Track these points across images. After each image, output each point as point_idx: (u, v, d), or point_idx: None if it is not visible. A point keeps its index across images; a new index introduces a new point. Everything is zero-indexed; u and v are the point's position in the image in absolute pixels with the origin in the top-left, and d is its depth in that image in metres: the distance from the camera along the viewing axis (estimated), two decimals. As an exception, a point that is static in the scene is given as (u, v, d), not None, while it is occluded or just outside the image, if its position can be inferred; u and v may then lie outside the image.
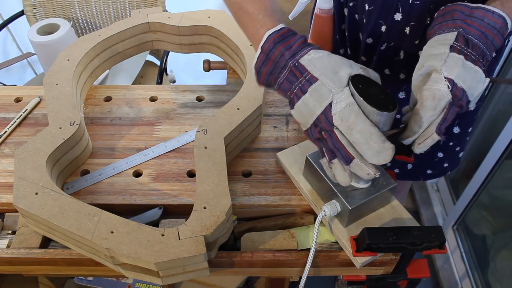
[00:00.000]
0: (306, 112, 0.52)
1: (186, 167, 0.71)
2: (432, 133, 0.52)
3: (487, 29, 0.53)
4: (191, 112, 0.81)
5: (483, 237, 1.49)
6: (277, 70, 0.54)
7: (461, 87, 0.50)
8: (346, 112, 0.49)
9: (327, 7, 0.77)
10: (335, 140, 0.51)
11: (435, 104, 0.50)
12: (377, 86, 0.52)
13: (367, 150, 0.49)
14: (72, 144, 0.67)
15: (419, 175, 1.01)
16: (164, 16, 0.84)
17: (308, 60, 0.52)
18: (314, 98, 0.51)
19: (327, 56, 0.52)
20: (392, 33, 0.76)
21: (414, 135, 0.52)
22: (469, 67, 0.51)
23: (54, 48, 1.18)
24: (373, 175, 0.51)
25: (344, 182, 0.54)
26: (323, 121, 0.51)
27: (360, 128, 0.49)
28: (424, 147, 0.53)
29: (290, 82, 0.53)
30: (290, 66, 0.52)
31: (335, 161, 0.53)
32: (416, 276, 0.65)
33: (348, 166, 0.52)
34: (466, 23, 0.54)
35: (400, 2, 0.72)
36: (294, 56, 0.52)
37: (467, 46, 0.52)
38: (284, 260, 0.61)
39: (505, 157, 1.28)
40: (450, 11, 0.56)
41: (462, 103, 0.51)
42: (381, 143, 0.49)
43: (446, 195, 1.71)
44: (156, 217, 0.64)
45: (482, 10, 0.54)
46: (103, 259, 0.58)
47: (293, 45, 0.53)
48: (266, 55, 0.54)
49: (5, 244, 0.63)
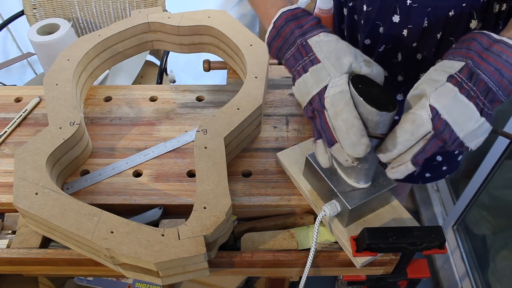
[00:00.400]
0: (304, 91, 0.54)
1: (186, 167, 0.71)
2: (407, 160, 0.50)
3: (505, 66, 0.48)
4: (191, 112, 0.81)
5: (483, 237, 1.49)
6: (286, 46, 0.56)
7: (444, 119, 0.47)
8: (337, 97, 0.50)
9: (327, 7, 0.78)
10: (323, 122, 0.52)
11: (413, 129, 0.48)
12: (377, 86, 0.52)
13: (345, 140, 0.50)
14: (72, 144, 0.67)
15: (417, 178, 1.02)
16: (164, 16, 0.84)
17: (316, 42, 0.54)
18: (313, 78, 0.53)
19: (335, 41, 0.54)
20: (390, 35, 0.76)
21: (386, 152, 0.51)
22: (460, 101, 0.47)
23: (54, 48, 1.18)
24: (350, 162, 0.52)
25: (324, 163, 0.56)
26: (316, 102, 0.52)
27: (344, 117, 0.50)
28: (397, 174, 0.51)
29: (295, 59, 0.55)
30: (298, 44, 0.55)
31: (319, 141, 0.55)
32: (416, 276, 0.65)
33: (329, 149, 0.53)
34: (481, 56, 0.49)
35: (398, 4, 0.72)
36: (303, 35, 0.54)
37: (469, 80, 0.48)
38: (284, 260, 0.61)
39: (505, 157, 1.28)
40: (469, 39, 0.51)
41: (445, 137, 0.48)
42: (360, 136, 0.49)
43: (446, 195, 1.71)
44: (156, 217, 0.64)
45: (502, 45, 0.48)
46: (103, 259, 0.58)
47: (305, 24, 0.55)
48: (277, 31, 0.57)
49: (5, 244, 0.63)
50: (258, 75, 0.74)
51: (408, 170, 0.50)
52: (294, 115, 0.81)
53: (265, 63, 0.75)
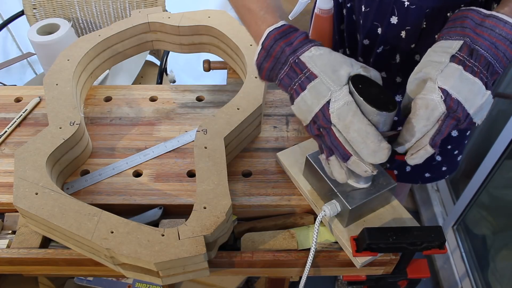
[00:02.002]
0: (305, 109, 0.52)
1: (186, 167, 0.71)
2: (425, 144, 0.50)
3: (498, 39, 0.51)
4: (191, 112, 0.81)
5: (483, 237, 1.49)
6: (278, 66, 0.54)
7: (455, 98, 0.48)
8: (343, 110, 0.49)
9: (327, 7, 0.77)
10: (333, 138, 0.51)
11: (428, 114, 0.49)
12: (377, 86, 0.52)
13: (363, 149, 0.49)
14: (72, 144, 0.67)
15: (417, 178, 1.02)
16: (164, 16, 0.84)
17: (308, 57, 0.52)
18: (313, 96, 0.51)
19: (328, 53, 0.52)
20: (388, 36, 0.76)
21: (406, 144, 0.51)
22: (466, 78, 0.49)
23: (54, 48, 1.18)
24: (370, 172, 0.51)
25: (341, 179, 0.55)
26: (321, 119, 0.51)
27: (357, 127, 0.49)
28: (417, 159, 0.51)
29: (290, 78, 0.53)
30: (291, 62, 0.53)
31: (332, 158, 0.54)
32: (416, 276, 0.65)
33: (345, 163, 0.52)
34: (476, 32, 0.51)
35: (396, 5, 0.72)
36: (295, 52, 0.53)
37: (471, 57, 0.50)
38: (284, 260, 0.61)
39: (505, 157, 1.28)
40: (461, 17, 0.54)
41: (458, 115, 0.49)
42: (378, 142, 0.49)
43: (446, 195, 1.71)
44: (156, 217, 0.64)
45: (494, 20, 0.51)
46: (103, 259, 0.58)
47: (294, 41, 0.53)
48: (267, 52, 0.54)
49: (5, 244, 0.63)
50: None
51: (428, 153, 0.51)
52: (294, 115, 0.80)
53: (265, 63, 0.75)
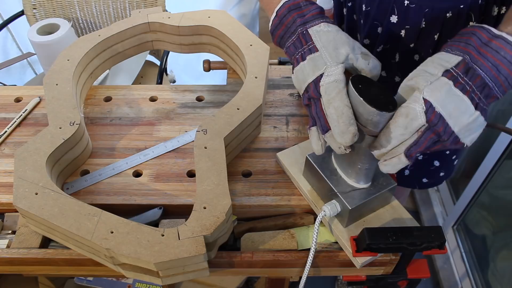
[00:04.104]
0: (301, 78, 0.55)
1: (186, 167, 0.71)
2: (400, 153, 0.49)
3: (502, 63, 0.48)
4: (191, 112, 0.81)
5: (483, 237, 1.49)
6: (287, 34, 0.58)
7: (438, 112, 0.47)
8: (331, 86, 0.52)
9: (327, 7, 0.78)
10: (319, 109, 0.53)
11: (406, 123, 0.48)
12: (377, 86, 0.52)
13: (335, 127, 0.51)
14: (72, 144, 0.67)
15: (415, 183, 1.02)
16: (164, 16, 0.84)
17: (316, 31, 0.55)
18: (310, 67, 0.54)
19: (335, 31, 0.55)
20: (388, 35, 0.76)
21: (381, 148, 0.50)
22: (454, 95, 0.48)
23: (54, 48, 1.18)
24: (343, 150, 0.53)
25: (316, 150, 0.57)
26: (312, 89, 0.54)
27: (336, 105, 0.51)
28: (389, 166, 0.50)
29: (295, 47, 0.57)
30: (299, 32, 0.56)
31: (313, 128, 0.56)
32: (416, 276, 0.65)
33: (323, 136, 0.54)
34: (479, 51, 0.49)
35: (396, 4, 0.72)
36: (304, 24, 0.56)
37: (465, 75, 0.48)
38: (284, 260, 0.61)
39: (505, 157, 1.28)
40: (469, 33, 0.51)
41: (439, 130, 0.47)
42: (348, 125, 0.50)
43: (446, 195, 1.71)
44: (156, 217, 0.64)
45: (501, 41, 0.49)
46: (103, 259, 0.58)
47: (307, 14, 0.57)
48: (280, 20, 0.59)
49: (5, 244, 0.63)
50: (258, 75, 0.74)
51: (401, 163, 0.50)
52: (294, 115, 0.81)
53: (265, 63, 0.75)
